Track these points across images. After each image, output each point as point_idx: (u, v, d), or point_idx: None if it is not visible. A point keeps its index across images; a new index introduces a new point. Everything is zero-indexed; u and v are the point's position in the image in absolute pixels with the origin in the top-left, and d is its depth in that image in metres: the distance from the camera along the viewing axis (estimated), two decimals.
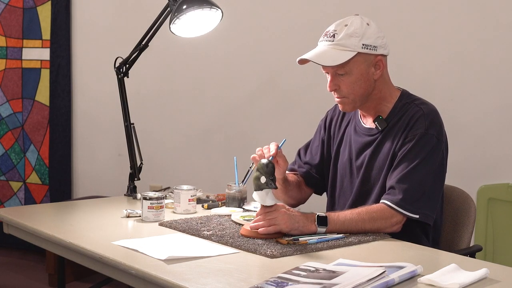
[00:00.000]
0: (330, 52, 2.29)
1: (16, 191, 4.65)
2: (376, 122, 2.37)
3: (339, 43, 2.29)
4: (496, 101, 3.48)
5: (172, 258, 1.92)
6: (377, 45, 2.30)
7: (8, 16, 4.60)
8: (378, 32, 2.32)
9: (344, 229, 2.20)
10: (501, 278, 1.80)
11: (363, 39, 2.28)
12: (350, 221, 2.21)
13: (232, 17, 3.37)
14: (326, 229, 2.18)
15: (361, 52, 2.28)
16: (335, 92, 2.35)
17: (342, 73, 2.30)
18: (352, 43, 2.27)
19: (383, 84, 2.37)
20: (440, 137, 2.29)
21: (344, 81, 2.31)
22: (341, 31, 2.29)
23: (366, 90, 2.33)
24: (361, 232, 2.22)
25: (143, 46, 2.90)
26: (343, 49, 2.28)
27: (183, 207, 2.55)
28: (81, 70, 4.51)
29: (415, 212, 2.22)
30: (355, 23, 2.29)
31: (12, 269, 4.43)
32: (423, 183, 2.24)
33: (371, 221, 2.22)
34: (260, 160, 2.19)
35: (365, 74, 2.31)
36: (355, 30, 2.28)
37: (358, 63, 2.29)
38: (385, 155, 2.34)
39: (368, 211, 2.24)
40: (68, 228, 2.40)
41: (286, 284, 1.68)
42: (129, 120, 2.98)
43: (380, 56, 2.32)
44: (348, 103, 2.35)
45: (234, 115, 4.12)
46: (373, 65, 2.32)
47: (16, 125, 4.63)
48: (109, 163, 4.44)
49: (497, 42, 3.47)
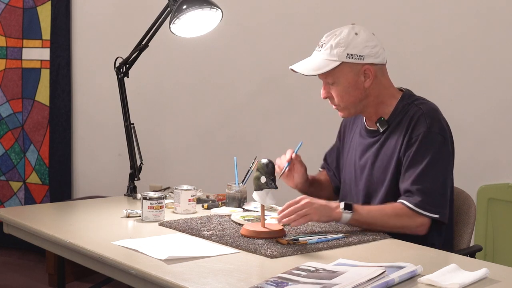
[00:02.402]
0: (316, 61, 2.34)
1: (16, 191, 4.65)
2: (378, 124, 2.38)
3: (325, 53, 2.33)
4: (496, 101, 3.48)
5: (172, 258, 1.92)
6: (363, 55, 2.31)
7: (8, 16, 4.60)
8: (367, 41, 2.32)
9: (369, 219, 2.23)
10: (501, 278, 1.80)
11: (348, 49, 2.30)
12: (375, 212, 2.24)
13: (232, 17, 3.37)
14: (351, 216, 2.21)
15: (345, 62, 2.31)
16: (329, 99, 2.41)
17: (331, 82, 2.35)
18: (336, 53, 2.31)
19: (379, 89, 2.38)
20: (443, 133, 2.30)
21: (334, 89, 2.36)
22: (328, 41, 2.33)
23: (356, 98, 2.36)
24: (385, 227, 2.23)
25: (143, 46, 2.91)
26: (327, 59, 2.32)
27: (183, 207, 2.55)
28: (81, 70, 4.51)
29: (435, 212, 2.24)
30: (342, 33, 2.32)
31: (12, 269, 4.43)
32: (436, 182, 2.26)
33: (396, 217, 2.23)
34: (260, 160, 2.19)
35: (353, 83, 2.34)
36: (340, 40, 2.31)
37: (344, 72, 2.32)
38: (388, 156, 2.35)
39: (391, 206, 2.26)
40: (68, 228, 2.40)
41: (286, 284, 1.68)
42: (129, 120, 2.98)
43: (368, 65, 2.33)
44: (342, 110, 2.40)
45: (234, 115, 4.12)
46: (361, 73, 2.33)
47: (16, 125, 4.63)
48: (109, 163, 4.44)
49: (497, 42, 3.47)
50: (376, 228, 2.24)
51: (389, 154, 2.34)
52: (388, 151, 2.35)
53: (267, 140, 3.99)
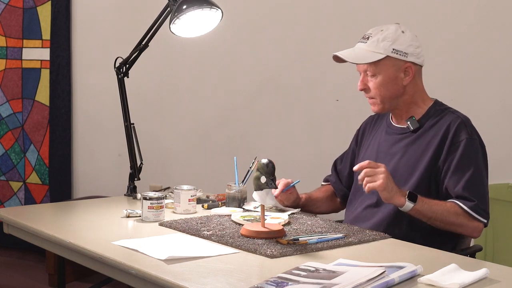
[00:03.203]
0: (362, 52, 2.40)
1: (16, 191, 4.65)
2: (409, 122, 2.43)
3: (371, 45, 2.39)
4: (497, 101, 3.48)
5: (172, 258, 1.92)
6: (408, 52, 2.39)
7: (8, 16, 4.60)
8: (412, 41, 2.40)
9: (430, 213, 2.25)
10: (501, 278, 1.80)
11: (394, 44, 2.37)
12: (436, 206, 2.26)
13: (232, 17, 3.37)
14: (413, 206, 2.22)
15: (390, 56, 2.37)
16: (364, 91, 2.45)
17: (371, 74, 2.40)
18: (383, 46, 2.37)
19: (415, 90, 2.44)
20: (482, 143, 2.38)
21: (373, 82, 2.41)
22: (375, 35, 2.40)
23: (393, 94, 2.41)
24: (444, 222, 2.26)
25: (143, 46, 2.91)
26: (373, 51, 2.38)
27: (183, 207, 2.55)
28: (81, 70, 4.51)
29: (485, 217, 2.30)
30: (390, 29, 2.40)
31: (12, 269, 4.43)
32: (485, 188, 2.32)
33: (455, 215, 2.26)
34: (260, 160, 2.19)
35: (393, 78, 2.39)
36: (387, 35, 2.38)
37: (387, 66, 2.38)
38: (417, 155, 2.38)
39: (451, 204, 2.27)
40: (68, 228, 2.40)
41: (286, 284, 1.68)
42: (129, 120, 2.98)
43: (409, 63, 2.39)
44: (376, 103, 2.44)
45: (234, 115, 4.12)
46: (402, 70, 2.40)
47: (16, 125, 4.63)
48: (109, 163, 4.44)
49: (497, 42, 3.47)
50: (435, 222, 2.27)
51: (419, 153, 2.38)
52: (418, 150, 2.38)
53: (267, 140, 3.99)
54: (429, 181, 2.35)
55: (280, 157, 2.89)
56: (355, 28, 3.69)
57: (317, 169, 3.82)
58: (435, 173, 2.34)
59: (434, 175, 2.35)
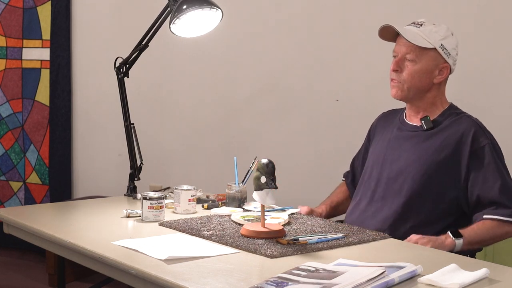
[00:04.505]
0: (413, 34, 2.41)
1: (16, 191, 4.65)
2: (423, 121, 2.45)
3: (424, 31, 2.41)
4: (497, 101, 3.48)
5: (172, 258, 1.92)
6: (451, 54, 2.43)
7: (8, 16, 4.60)
8: (456, 46, 2.46)
9: (477, 238, 2.27)
10: (501, 278, 1.80)
11: (444, 41, 2.41)
12: (478, 230, 2.28)
13: (232, 17, 3.37)
14: (463, 240, 2.23)
15: (437, 50, 2.40)
16: (395, 73, 2.44)
17: (411, 59, 2.41)
18: (434, 38, 2.41)
19: (439, 92, 2.47)
20: (498, 144, 2.41)
21: (409, 67, 2.42)
22: (428, 25, 2.43)
23: (422, 86, 2.43)
24: (494, 238, 2.30)
25: (143, 46, 2.91)
26: (425, 38, 2.40)
27: (183, 207, 2.55)
28: (81, 70, 4.51)
29: None
30: (442, 26, 2.44)
31: (12, 269, 4.43)
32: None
33: (497, 226, 2.28)
34: (260, 160, 2.19)
35: (429, 71, 2.42)
36: (440, 30, 2.42)
37: (429, 57, 2.41)
38: (429, 154, 2.39)
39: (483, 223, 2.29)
40: (68, 228, 2.40)
41: (286, 284, 1.68)
42: (129, 120, 2.98)
43: (447, 64, 2.43)
44: (401, 89, 2.44)
45: (234, 115, 4.12)
46: (439, 68, 2.43)
47: (16, 125, 4.63)
48: (109, 163, 4.44)
49: (497, 42, 3.47)
50: (486, 244, 2.34)
51: (430, 152, 2.39)
52: (429, 150, 2.39)
53: (267, 140, 3.99)
54: (438, 181, 2.35)
55: (280, 157, 2.89)
56: (355, 28, 3.70)
57: (317, 169, 3.82)
58: (450, 175, 2.35)
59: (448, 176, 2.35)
